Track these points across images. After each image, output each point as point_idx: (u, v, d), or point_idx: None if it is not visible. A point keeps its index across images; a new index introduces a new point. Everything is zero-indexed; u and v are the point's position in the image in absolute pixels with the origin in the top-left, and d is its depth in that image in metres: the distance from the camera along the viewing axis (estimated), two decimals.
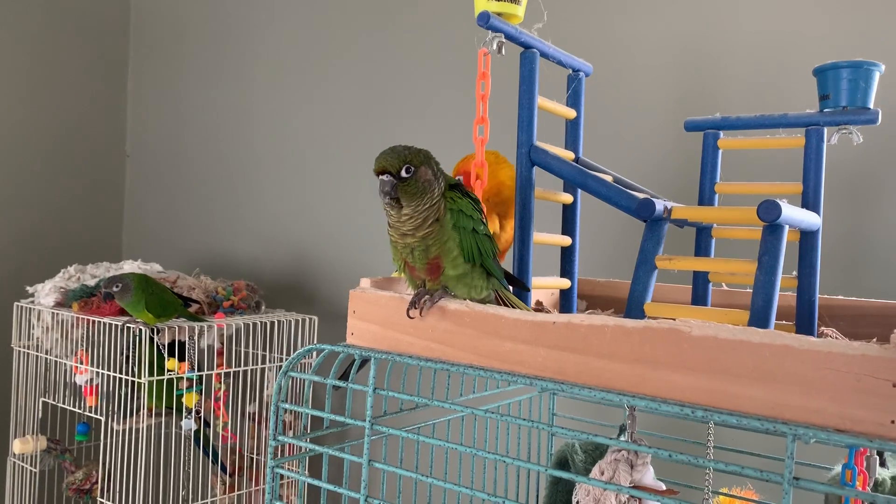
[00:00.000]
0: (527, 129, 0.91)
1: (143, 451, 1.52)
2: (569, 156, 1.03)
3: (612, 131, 1.48)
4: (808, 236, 0.91)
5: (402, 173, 0.79)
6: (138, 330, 1.51)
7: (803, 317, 0.91)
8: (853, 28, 1.26)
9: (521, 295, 0.91)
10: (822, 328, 0.92)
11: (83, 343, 1.64)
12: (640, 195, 0.81)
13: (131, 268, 1.80)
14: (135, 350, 1.53)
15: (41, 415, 1.72)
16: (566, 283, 1.02)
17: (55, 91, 2.27)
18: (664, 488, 0.78)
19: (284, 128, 2.08)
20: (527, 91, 0.91)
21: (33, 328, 1.71)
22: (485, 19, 0.86)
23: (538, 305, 1.08)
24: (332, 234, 1.96)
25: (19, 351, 1.75)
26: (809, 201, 0.93)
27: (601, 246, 1.47)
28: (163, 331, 1.52)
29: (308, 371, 0.97)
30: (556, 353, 0.71)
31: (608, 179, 0.88)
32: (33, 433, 1.73)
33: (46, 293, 1.68)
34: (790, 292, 0.92)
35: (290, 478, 1.52)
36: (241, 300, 1.74)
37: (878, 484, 0.82)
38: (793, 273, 0.92)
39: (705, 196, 1.02)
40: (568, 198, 1.03)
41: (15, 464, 1.76)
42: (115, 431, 1.57)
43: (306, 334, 1.75)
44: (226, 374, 1.64)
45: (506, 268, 0.92)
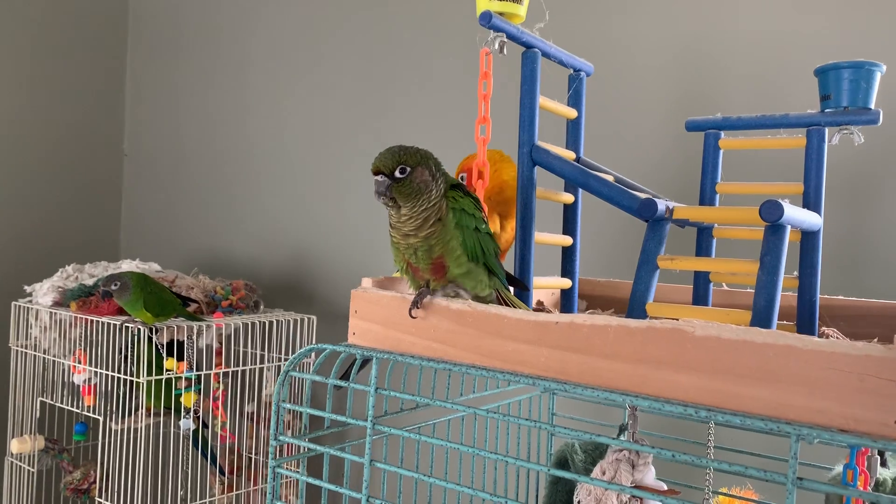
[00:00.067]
0: (528, 129, 0.91)
1: (141, 450, 1.52)
2: (570, 156, 1.03)
3: (613, 131, 1.48)
4: (810, 236, 0.91)
5: (397, 174, 0.79)
6: (136, 329, 1.50)
7: (804, 317, 0.91)
8: (854, 28, 1.26)
9: (522, 295, 0.91)
10: (823, 328, 0.92)
11: (81, 342, 1.63)
12: (641, 195, 0.81)
13: (129, 267, 1.79)
14: (133, 349, 1.52)
15: (39, 414, 1.71)
16: (567, 282, 1.02)
17: (53, 91, 2.27)
18: (665, 488, 0.78)
19: (283, 127, 2.08)
20: (528, 91, 0.91)
21: (31, 327, 1.70)
22: (487, 19, 0.86)
23: (539, 305, 1.08)
24: (331, 233, 1.96)
25: (17, 350, 1.74)
26: (810, 201, 0.93)
27: (601, 246, 1.47)
28: (161, 330, 1.52)
29: (307, 371, 0.97)
30: (558, 353, 0.71)
31: (609, 179, 0.88)
32: (31, 433, 1.72)
33: (44, 292, 1.68)
34: (791, 292, 0.92)
35: (290, 478, 1.52)
36: (239, 300, 1.74)
37: (878, 484, 0.82)
38: (794, 273, 0.92)
39: (706, 196, 1.02)
40: (569, 198, 1.03)
41: (13, 463, 1.76)
42: (113, 431, 1.56)
43: (305, 334, 1.75)
44: (224, 373, 1.64)
45: (507, 267, 0.92)
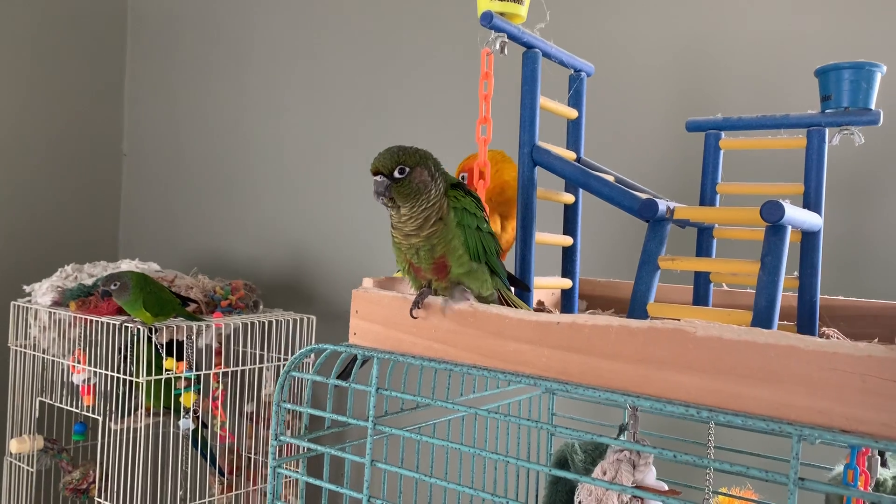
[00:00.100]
0: (529, 129, 0.91)
1: (140, 450, 1.52)
2: (570, 156, 1.03)
3: (613, 132, 1.48)
4: (810, 237, 0.91)
5: (396, 174, 0.79)
6: (136, 329, 1.50)
7: (804, 317, 0.91)
8: (855, 29, 1.26)
9: (523, 295, 0.91)
10: (823, 328, 0.92)
11: (80, 342, 1.63)
12: (642, 195, 0.81)
13: (129, 267, 1.79)
14: (132, 349, 1.52)
15: (38, 414, 1.71)
16: (567, 283, 1.02)
17: (52, 90, 2.26)
18: (666, 488, 0.78)
19: (282, 127, 2.07)
20: (529, 91, 0.91)
21: (30, 327, 1.70)
22: (488, 19, 0.86)
23: (539, 305, 1.08)
24: (330, 233, 1.96)
25: (16, 350, 1.74)
26: (811, 202, 0.93)
27: (601, 246, 1.47)
28: (161, 330, 1.52)
29: (307, 371, 0.97)
30: (559, 354, 0.71)
31: (610, 180, 0.88)
32: (30, 433, 1.72)
33: (43, 292, 1.67)
34: (791, 293, 0.92)
35: (290, 478, 1.52)
36: (238, 299, 1.74)
37: (879, 484, 0.82)
38: (794, 273, 0.92)
39: (707, 196, 1.02)
40: (569, 198, 1.03)
41: (12, 463, 1.75)
42: (113, 431, 1.56)
43: (304, 334, 1.75)
44: (223, 373, 1.63)
45: (507, 268, 0.92)
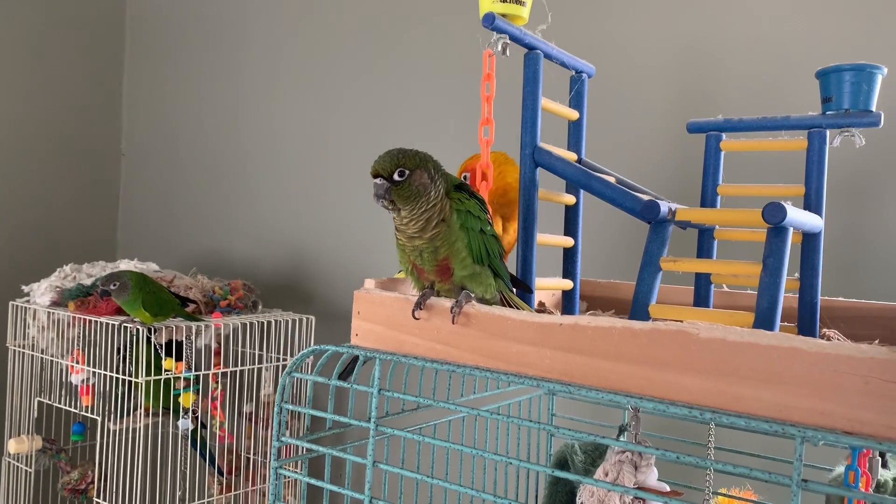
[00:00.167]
0: (530, 131, 0.91)
1: (139, 451, 1.52)
2: (572, 157, 1.03)
3: (614, 133, 1.48)
4: (811, 238, 0.91)
5: (395, 177, 0.79)
6: (135, 329, 1.50)
7: (805, 318, 0.91)
8: (856, 30, 1.27)
9: (525, 296, 0.91)
10: (824, 330, 0.93)
11: (79, 342, 1.63)
12: (643, 197, 0.81)
13: (128, 267, 1.79)
14: (131, 349, 1.52)
15: (37, 414, 1.71)
16: (568, 283, 1.02)
17: (51, 90, 2.26)
18: (668, 489, 0.79)
19: (280, 127, 2.07)
20: (531, 92, 0.91)
21: (29, 327, 1.70)
22: (490, 20, 0.86)
23: (541, 307, 1.08)
24: (330, 233, 1.96)
25: (15, 350, 1.74)
26: (811, 203, 0.93)
27: (601, 247, 1.47)
28: (160, 330, 1.51)
29: (308, 371, 0.97)
30: (562, 355, 0.71)
31: (611, 181, 0.88)
32: (29, 433, 1.71)
33: (42, 292, 1.67)
34: (791, 294, 0.92)
35: (291, 478, 1.51)
36: (237, 300, 1.73)
37: (880, 485, 0.83)
38: (794, 275, 0.92)
39: (707, 198, 1.02)
40: (571, 199, 1.03)
41: (10, 464, 1.75)
42: (111, 431, 1.56)
43: (303, 334, 1.74)
44: (222, 373, 1.63)
45: (509, 269, 0.92)
